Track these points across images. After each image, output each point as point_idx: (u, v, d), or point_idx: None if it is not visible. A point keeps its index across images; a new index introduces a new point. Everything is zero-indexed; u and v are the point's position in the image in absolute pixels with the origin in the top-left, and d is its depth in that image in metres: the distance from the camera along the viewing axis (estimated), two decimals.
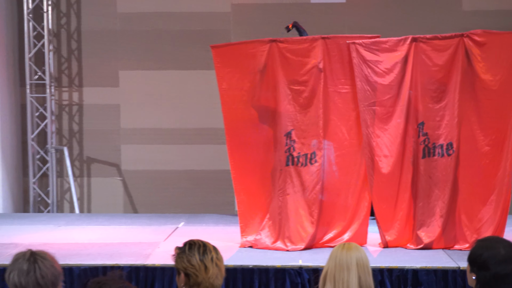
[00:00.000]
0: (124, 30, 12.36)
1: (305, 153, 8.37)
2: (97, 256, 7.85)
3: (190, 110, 12.15)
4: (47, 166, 12.23)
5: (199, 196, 12.22)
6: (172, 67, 12.31)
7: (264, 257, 7.81)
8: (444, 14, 12.06)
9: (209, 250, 4.48)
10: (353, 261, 4.55)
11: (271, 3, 12.22)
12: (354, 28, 11.80)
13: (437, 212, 8.29)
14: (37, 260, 4.31)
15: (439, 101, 8.27)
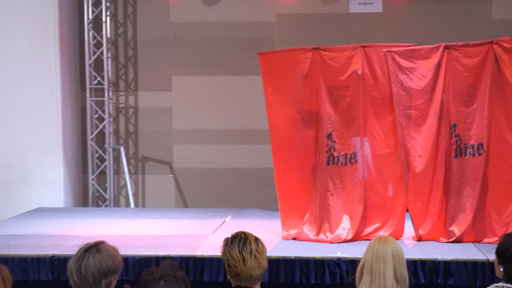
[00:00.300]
0: (176, 38, 12.39)
1: (345, 153, 8.35)
2: (150, 247, 7.89)
3: (236, 113, 12.17)
4: (105, 164, 12.30)
5: (244, 192, 12.23)
6: (220, 73, 12.32)
7: (305, 249, 7.80)
8: (475, 22, 11.94)
9: (249, 243, 4.47)
10: (389, 254, 4.53)
11: (313, 13, 12.18)
12: (390, 36, 11.73)
13: (468, 208, 8.22)
14: (92, 251, 4.35)
15: (470, 104, 8.20)
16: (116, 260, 4.33)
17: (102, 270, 4.28)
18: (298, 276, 7.36)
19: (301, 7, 12.16)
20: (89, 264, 4.31)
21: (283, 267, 7.37)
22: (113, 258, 4.31)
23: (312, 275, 7.35)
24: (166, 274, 3.99)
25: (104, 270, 4.27)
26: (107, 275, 4.28)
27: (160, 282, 3.94)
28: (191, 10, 12.34)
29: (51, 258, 7.46)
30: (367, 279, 4.56)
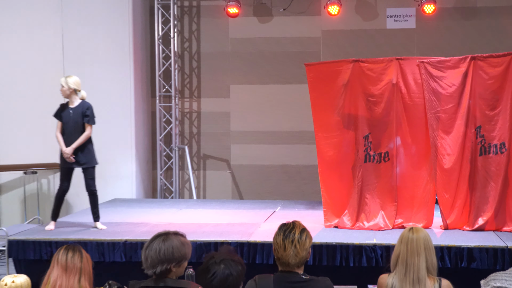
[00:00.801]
0: (234, 52, 12.45)
1: (379, 152, 8.33)
2: (210, 233, 7.94)
3: (285, 117, 12.18)
4: (172, 161, 12.39)
5: (292, 186, 12.24)
6: (272, 82, 12.35)
7: (345, 236, 7.78)
8: (501, 36, 11.80)
9: (294, 233, 4.41)
10: (421, 246, 4.48)
11: (354, 29, 12.15)
12: (423, 49, 11.69)
13: (491, 200, 8.15)
14: (160, 239, 4.42)
15: (494, 108, 8.12)
16: (177, 252, 4.33)
17: (160, 257, 4.32)
18: (339, 260, 7.37)
19: (344, 24, 12.14)
20: (151, 248, 4.37)
21: (325, 252, 7.38)
22: (173, 250, 4.33)
23: (351, 259, 7.35)
24: (226, 258, 4.04)
25: (161, 258, 4.31)
26: (164, 262, 4.31)
27: (220, 265, 3.99)
28: (248, 26, 12.39)
29: (124, 242, 7.57)
30: (402, 270, 4.54)
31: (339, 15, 11.86)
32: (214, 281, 3.93)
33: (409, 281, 4.47)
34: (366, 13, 12.16)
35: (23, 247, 7.65)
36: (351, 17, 12.17)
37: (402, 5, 12.01)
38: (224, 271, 3.94)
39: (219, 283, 3.94)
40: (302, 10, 12.18)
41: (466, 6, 11.97)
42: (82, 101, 8.42)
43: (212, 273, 3.94)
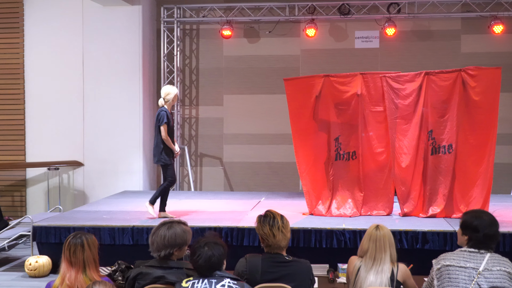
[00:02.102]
0: (228, 67, 12.42)
1: (348, 151, 8.31)
2: (205, 220, 7.90)
3: (270, 121, 12.15)
4: None
5: (276, 180, 12.23)
6: (260, 92, 12.33)
7: (319, 222, 7.74)
8: (449, 55, 11.83)
9: (277, 221, 4.48)
10: (386, 243, 4.56)
11: (328, 48, 12.14)
12: (385, 65, 11.69)
13: (441, 192, 8.16)
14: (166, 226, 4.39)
15: (443, 116, 8.13)
16: (179, 238, 4.33)
17: (164, 243, 4.31)
18: (313, 242, 7.33)
19: (320, 44, 12.13)
20: (157, 235, 4.36)
21: (302, 236, 7.35)
22: (176, 236, 4.32)
23: (324, 242, 7.32)
24: (209, 241, 4.04)
25: (166, 243, 4.30)
26: (167, 247, 4.30)
27: (204, 248, 3.99)
28: (239, 46, 12.37)
29: (132, 228, 7.51)
30: (369, 263, 4.57)
31: (316, 37, 11.86)
32: (200, 261, 3.93)
33: (374, 272, 4.51)
34: (338, 35, 12.15)
35: (46, 232, 7.58)
36: (326, 39, 12.15)
37: (368, 28, 12.00)
38: (207, 252, 3.94)
39: (204, 263, 3.96)
40: (285, 33, 12.18)
41: (421, 30, 11.97)
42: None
43: (197, 254, 3.93)
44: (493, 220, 4.33)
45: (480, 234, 4.24)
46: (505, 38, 11.66)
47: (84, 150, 11.79)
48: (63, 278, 4.31)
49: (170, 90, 7.94)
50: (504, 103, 10.92)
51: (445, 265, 4.27)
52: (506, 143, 11.64)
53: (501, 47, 11.71)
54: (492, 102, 7.95)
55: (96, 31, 11.76)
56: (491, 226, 4.28)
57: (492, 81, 7.97)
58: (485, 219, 4.30)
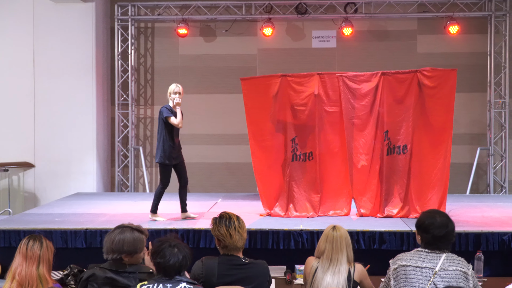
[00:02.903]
0: (184, 66, 12.37)
1: (304, 152, 8.35)
2: (160, 222, 7.83)
3: (228, 122, 12.13)
4: (128, 159, 12.22)
5: (233, 180, 12.22)
6: (217, 92, 12.31)
7: (276, 223, 7.77)
8: (406, 55, 11.99)
9: (233, 222, 4.48)
10: (343, 243, 4.60)
11: (286, 48, 12.19)
12: (343, 65, 11.78)
13: (396, 192, 8.28)
14: (117, 230, 4.34)
15: (399, 116, 8.24)
16: (127, 246, 4.27)
17: (112, 247, 4.27)
18: (271, 244, 7.33)
19: (277, 43, 12.17)
20: (109, 237, 4.32)
21: (260, 237, 7.34)
22: (124, 243, 4.26)
23: (281, 243, 7.33)
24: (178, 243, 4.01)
25: (113, 248, 4.26)
26: (115, 252, 4.26)
27: (174, 249, 3.96)
28: (195, 45, 12.33)
29: (85, 230, 7.40)
30: (326, 264, 4.60)
31: (273, 36, 11.89)
32: (170, 262, 3.90)
33: (330, 273, 4.55)
34: (295, 35, 12.21)
35: None
36: (283, 38, 12.20)
37: (325, 28, 12.09)
38: (179, 254, 3.92)
39: (173, 264, 3.92)
40: (241, 32, 12.18)
41: (378, 30, 12.12)
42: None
43: (168, 255, 3.90)
44: (445, 221, 4.37)
45: (429, 235, 4.31)
46: (461, 39, 11.89)
47: (35, 151, 11.60)
48: (14, 274, 4.28)
49: (169, 88, 8.18)
50: (459, 103, 11.12)
51: (402, 265, 4.33)
52: (462, 143, 11.87)
53: (456, 48, 11.94)
54: (447, 103, 8.10)
55: (48, 29, 11.60)
56: (441, 227, 4.33)
57: (447, 82, 8.11)
58: (437, 220, 4.35)
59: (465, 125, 11.91)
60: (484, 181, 12.02)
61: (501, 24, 11.80)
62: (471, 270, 4.31)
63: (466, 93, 11.77)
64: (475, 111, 12.01)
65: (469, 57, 11.94)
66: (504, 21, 11.75)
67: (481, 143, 11.96)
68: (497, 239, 7.11)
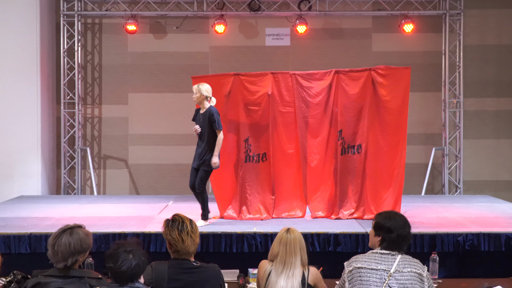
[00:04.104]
0: (133, 64, 12.27)
1: (258, 153, 8.37)
2: (109, 226, 7.76)
3: (179, 121, 12.04)
4: (75, 161, 12.06)
5: (185, 182, 11.90)
6: (167, 91, 12.25)
7: (229, 225, 7.77)
8: (360, 53, 12.13)
9: (186, 225, 4.44)
10: (297, 246, 4.62)
11: (238, 45, 12.20)
12: (297, 64, 11.85)
13: (353, 193, 8.37)
14: (66, 233, 4.26)
15: (353, 116, 8.33)
16: (84, 243, 4.24)
17: (70, 250, 4.19)
18: (223, 247, 7.34)
19: (229, 41, 12.16)
20: (60, 243, 4.23)
21: (212, 240, 7.34)
22: (81, 241, 4.23)
23: (234, 246, 7.33)
24: (134, 248, 3.96)
25: (72, 250, 4.19)
26: (74, 254, 4.20)
27: (129, 255, 3.90)
28: (145, 42, 12.24)
29: (29, 235, 7.27)
30: (279, 267, 4.61)
31: (225, 33, 11.88)
32: (122, 268, 3.84)
33: (284, 276, 4.56)
34: (248, 32, 12.23)
35: None
36: (235, 35, 12.20)
37: (278, 25, 12.14)
38: (132, 261, 3.87)
39: (126, 270, 3.86)
40: (193, 29, 12.14)
41: (333, 28, 12.23)
42: (209, 107, 7.89)
43: (121, 261, 3.84)
44: (405, 221, 4.48)
45: (393, 234, 4.37)
46: (415, 37, 12.09)
47: None
48: None
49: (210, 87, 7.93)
50: (414, 103, 11.30)
51: (357, 267, 4.37)
52: (417, 143, 12.07)
53: (411, 46, 12.14)
54: (401, 102, 8.23)
55: None
56: (404, 227, 4.42)
57: (401, 81, 8.24)
58: (398, 220, 4.44)
59: (419, 125, 12.10)
60: (439, 181, 12.25)
61: (456, 23, 12.05)
62: (426, 272, 4.38)
63: (420, 93, 11.97)
64: (429, 111, 12.23)
65: (423, 56, 12.15)
66: (459, 20, 12.00)
67: (436, 143, 12.19)
68: (452, 240, 7.26)
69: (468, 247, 7.23)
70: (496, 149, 12.22)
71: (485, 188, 12.07)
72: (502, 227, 7.61)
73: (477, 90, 12.17)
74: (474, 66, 12.15)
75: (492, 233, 7.27)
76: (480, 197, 10.85)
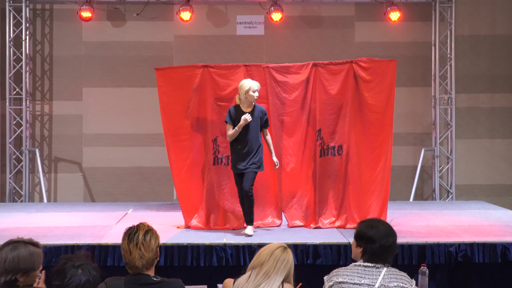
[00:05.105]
0: (88, 55, 12.22)
1: (227, 155, 8.33)
2: (60, 237, 7.67)
3: (140, 119, 12.05)
4: (22, 164, 11.97)
5: (146, 187, 12.16)
6: (127, 85, 12.21)
7: (196, 236, 7.74)
8: (341, 44, 12.18)
9: (137, 236, 4.33)
10: (285, 267, 4.41)
11: (206, 35, 12.20)
12: (272, 55, 11.90)
13: (331, 199, 8.39)
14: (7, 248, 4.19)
15: (333, 113, 8.35)
16: (23, 263, 4.13)
17: (5, 267, 4.12)
18: (190, 260, 7.29)
19: (196, 30, 12.15)
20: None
21: (177, 253, 7.29)
22: (20, 260, 4.13)
23: (202, 259, 7.29)
24: (84, 263, 3.89)
25: (6, 268, 4.12)
26: (9, 272, 4.12)
27: (78, 270, 3.84)
28: (101, 31, 12.20)
29: None
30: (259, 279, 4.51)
31: (191, 21, 11.85)
32: (71, 285, 3.80)
33: None
34: (217, 20, 12.23)
35: None
36: (203, 23, 12.20)
37: (251, 13, 12.15)
38: (82, 277, 3.83)
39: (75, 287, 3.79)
40: (155, 16, 12.11)
41: (311, 15, 12.26)
42: (257, 105, 7.90)
43: (69, 277, 3.79)
44: (390, 230, 4.46)
45: (376, 245, 4.36)
46: (402, 27, 12.17)
47: None
48: None
49: (241, 84, 7.83)
50: (401, 99, 11.38)
51: (338, 282, 4.36)
52: (404, 144, 12.14)
53: (397, 37, 12.22)
54: (386, 98, 8.26)
55: None
56: (388, 236, 4.40)
57: (386, 74, 8.28)
58: (381, 229, 4.43)
59: (407, 123, 12.19)
60: (429, 186, 12.34)
61: (447, 11, 12.14)
62: (415, 286, 4.39)
63: (408, 88, 12.06)
64: (418, 108, 12.31)
65: (411, 47, 12.24)
66: (450, 8, 12.09)
67: (425, 143, 12.28)
68: (443, 251, 7.29)
69: (461, 258, 7.28)
70: (491, 150, 12.35)
71: (480, 193, 12.19)
72: (497, 236, 7.68)
73: (470, 85, 12.29)
74: (467, 58, 12.26)
75: (487, 243, 7.32)
76: (474, 203, 10.95)
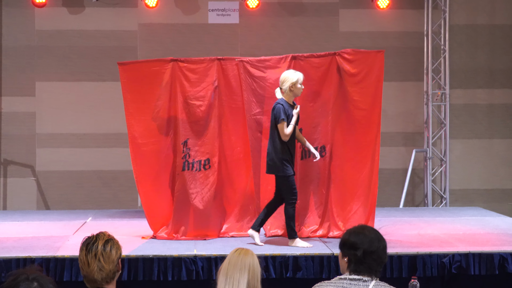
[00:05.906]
0: (42, 45, 12.18)
1: (199, 160, 8.36)
2: (11, 249, 7.64)
3: (100, 117, 12.04)
4: None
5: (107, 193, 12.13)
6: (85, 79, 12.19)
7: (163, 247, 7.76)
8: (325, 34, 12.22)
9: (96, 246, 4.33)
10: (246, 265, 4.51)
11: (175, 23, 12.20)
12: (248, 46, 11.92)
13: (313, 205, 8.45)
14: None
15: (315, 110, 8.39)
16: None
17: None
18: (156, 274, 7.30)
19: (163, 17, 12.16)
20: None
21: (142, 266, 7.30)
22: None
23: (170, 272, 7.30)
24: (40, 276, 3.88)
25: None
26: None
27: (33, 283, 3.83)
28: (57, 18, 12.17)
29: None
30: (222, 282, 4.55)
31: (158, 8, 11.88)
32: None
33: None
34: (187, 6, 12.23)
35: None
36: (171, 10, 12.20)
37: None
38: None
39: None
40: (117, 2, 12.12)
41: (291, 2, 12.31)
42: None
43: None
44: (377, 235, 4.46)
45: (359, 251, 4.36)
46: (391, 15, 12.25)
47: None
48: None
49: (286, 76, 7.82)
50: (390, 95, 11.45)
51: None
52: (393, 144, 12.21)
53: (386, 26, 12.29)
54: (373, 94, 8.33)
55: None
56: (373, 241, 4.40)
57: (373, 67, 8.35)
58: (366, 234, 4.43)
59: (397, 121, 12.26)
60: (420, 191, 12.43)
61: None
62: None
63: (397, 82, 12.14)
64: (409, 105, 12.39)
65: (401, 38, 12.32)
66: None
67: (416, 144, 12.36)
68: (436, 262, 7.36)
69: (455, 270, 7.34)
70: (489, 151, 12.45)
71: (476, 198, 12.30)
72: (495, 245, 7.77)
73: (466, 80, 12.40)
74: (463, 50, 12.37)
75: (484, 253, 7.41)
76: (470, 209, 11.06)
